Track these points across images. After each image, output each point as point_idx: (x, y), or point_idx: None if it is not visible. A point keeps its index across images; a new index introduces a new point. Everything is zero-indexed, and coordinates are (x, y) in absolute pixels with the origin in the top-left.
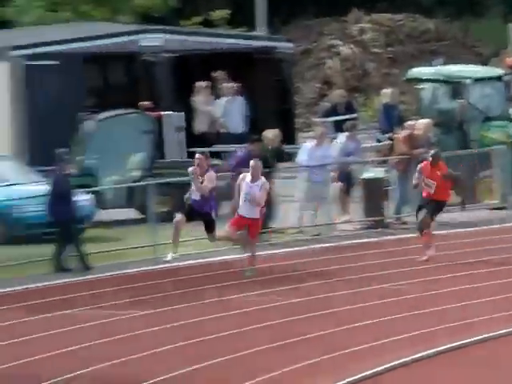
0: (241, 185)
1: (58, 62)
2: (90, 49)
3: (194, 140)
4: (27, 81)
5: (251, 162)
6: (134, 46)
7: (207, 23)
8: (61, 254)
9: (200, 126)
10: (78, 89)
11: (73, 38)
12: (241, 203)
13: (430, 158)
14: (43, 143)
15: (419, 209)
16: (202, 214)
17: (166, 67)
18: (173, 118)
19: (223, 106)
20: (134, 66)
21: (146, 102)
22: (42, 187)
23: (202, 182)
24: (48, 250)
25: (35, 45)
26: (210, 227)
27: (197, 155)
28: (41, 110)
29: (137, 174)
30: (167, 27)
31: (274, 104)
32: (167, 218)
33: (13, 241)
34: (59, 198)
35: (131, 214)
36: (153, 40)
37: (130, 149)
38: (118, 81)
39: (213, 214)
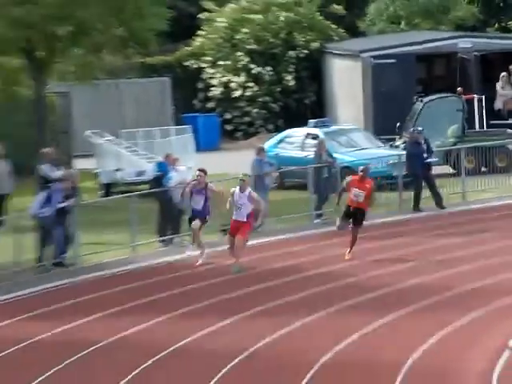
0: (233, 197)
1: (395, 61)
2: (419, 50)
3: (494, 115)
4: (373, 74)
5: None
6: (453, 48)
7: (506, 30)
8: (418, 197)
9: (497, 104)
10: (410, 79)
11: (407, 43)
12: (234, 211)
13: (361, 173)
14: (384, 119)
15: (345, 215)
16: (203, 219)
17: (475, 63)
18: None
19: None
20: (452, 62)
21: (460, 88)
22: (384, 150)
23: (206, 195)
24: (394, 195)
25: (379, 48)
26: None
27: (197, 172)
28: (383, 96)
29: (452, 140)
30: (476, 33)
31: None
32: (473, 172)
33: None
34: (411, 157)
35: (446, 169)
36: (466, 43)
37: (447, 122)
38: (439, 73)
39: (207, 218)
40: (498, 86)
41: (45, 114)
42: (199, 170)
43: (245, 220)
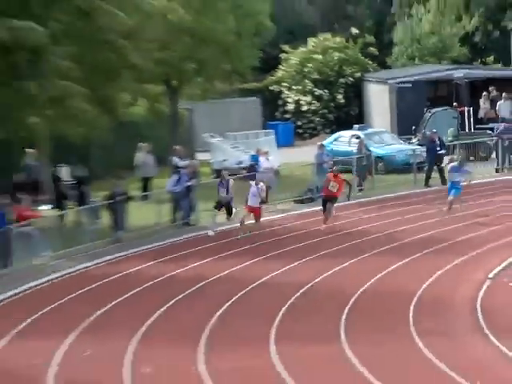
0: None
1: (411, 85)
2: (427, 78)
3: (478, 121)
4: (396, 94)
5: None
6: (450, 76)
7: (485, 63)
8: (428, 178)
9: (480, 114)
10: (421, 98)
11: (419, 73)
12: (250, 198)
13: (335, 172)
14: (404, 124)
15: (324, 203)
16: (227, 204)
17: (465, 86)
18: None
19: (498, 105)
20: (450, 86)
21: (455, 103)
22: (404, 146)
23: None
24: (410, 176)
25: (400, 77)
26: (229, 211)
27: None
28: (402, 109)
29: (450, 138)
30: (465, 66)
31: None
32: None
33: (389, 172)
34: (429, 150)
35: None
36: (459, 73)
37: (447, 126)
38: (441, 93)
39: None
40: (481, 101)
41: (177, 123)
42: (224, 169)
43: (258, 206)
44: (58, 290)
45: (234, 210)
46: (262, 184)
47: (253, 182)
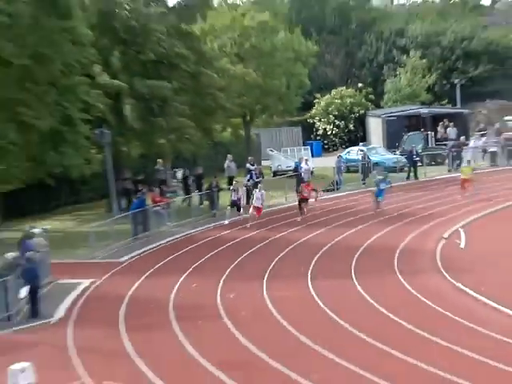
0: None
1: (395, 118)
2: (405, 113)
3: (436, 140)
4: (386, 124)
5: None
6: (419, 113)
7: (442, 105)
8: (409, 173)
9: (438, 136)
10: (401, 126)
11: (400, 110)
12: (255, 200)
13: (306, 182)
14: (391, 142)
15: (300, 204)
16: (237, 205)
17: (429, 118)
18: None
19: (448, 130)
20: (419, 118)
21: (422, 129)
22: (391, 155)
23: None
24: (395, 175)
25: (388, 113)
26: (238, 209)
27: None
28: (390, 133)
29: (420, 151)
30: (429, 106)
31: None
32: (429, 164)
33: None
34: (409, 157)
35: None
36: (425, 110)
37: (417, 143)
38: (413, 123)
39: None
40: (438, 128)
41: (249, 142)
42: (236, 181)
43: (261, 206)
44: (175, 246)
45: (241, 208)
46: (263, 191)
47: (257, 190)
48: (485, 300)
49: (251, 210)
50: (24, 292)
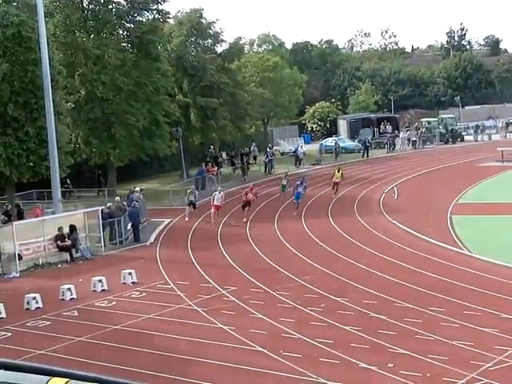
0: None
1: (355, 120)
2: (360, 117)
3: (380, 133)
4: (349, 124)
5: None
6: (369, 116)
7: (383, 112)
8: (364, 154)
9: (381, 130)
10: (359, 125)
11: (358, 115)
12: (216, 200)
13: (251, 187)
14: (352, 135)
15: (243, 207)
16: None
17: (375, 120)
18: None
19: (386, 127)
20: (369, 120)
21: (371, 126)
22: (352, 142)
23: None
24: (355, 155)
25: (351, 117)
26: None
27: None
28: (352, 129)
29: (369, 140)
30: (373, 113)
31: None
32: (375, 148)
33: (346, 152)
34: (364, 143)
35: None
36: (373, 115)
37: (368, 135)
38: (366, 123)
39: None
40: (381, 126)
41: (266, 135)
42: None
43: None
44: None
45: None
46: (222, 193)
47: (216, 192)
48: (407, 229)
49: (212, 209)
50: (129, 226)
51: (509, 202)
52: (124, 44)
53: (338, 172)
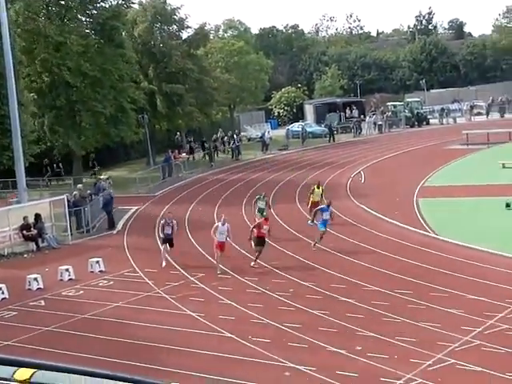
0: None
1: (322, 105)
2: (327, 102)
3: (346, 118)
4: (316, 108)
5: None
6: (335, 101)
7: (350, 96)
8: (330, 138)
9: (347, 115)
10: (325, 109)
11: (324, 100)
12: (219, 235)
13: (265, 220)
14: (318, 120)
15: (256, 245)
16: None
17: (341, 104)
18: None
19: (352, 111)
20: (336, 105)
21: (337, 111)
22: (319, 127)
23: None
24: (321, 139)
25: (318, 102)
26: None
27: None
28: (318, 114)
29: (335, 124)
30: (339, 97)
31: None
32: (342, 132)
33: (314, 137)
34: (329, 127)
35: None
36: (339, 100)
37: (335, 119)
38: (332, 108)
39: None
40: (347, 110)
41: (233, 121)
42: (168, 212)
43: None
44: (188, 185)
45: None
46: (227, 225)
47: (219, 223)
48: (374, 213)
49: (215, 250)
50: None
51: (473, 185)
52: (87, 30)
53: (318, 188)
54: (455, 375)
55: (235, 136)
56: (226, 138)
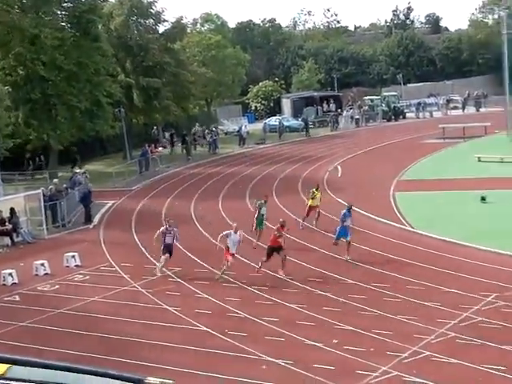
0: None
1: (299, 99)
2: (304, 96)
3: (323, 112)
4: (293, 103)
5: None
6: (312, 95)
7: (327, 90)
8: (306, 131)
9: (324, 109)
10: (302, 103)
11: (301, 94)
12: (233, 246)
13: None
14: (295, 114)
15: (270, 254)
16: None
17: (318, 98)
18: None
19: (329, 105)
20: (313, 99)
21: (314, 105)
22: (296, 121)
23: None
24: (298, 133)
25: (295, 96)
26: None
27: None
28: (295, 108)
29: (313, 118)
30: (317, 91)
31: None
32: (319, 127)
33: (291, 131)
34: (305, 121)
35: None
36: (316, 94)
37: (311, 114)
38: (309, 102)
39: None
40: (324, 104)
41: (210, 114)
42: (169, 219)
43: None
44: (165, 179)
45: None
46: (240, 232)
47: (231, 231)
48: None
49: (229, 258)
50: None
51: (450, 178)
52: (63, 23)
53: (317, 190)
54: (430, 367)
55: (212, 130)
56: (205, 131)
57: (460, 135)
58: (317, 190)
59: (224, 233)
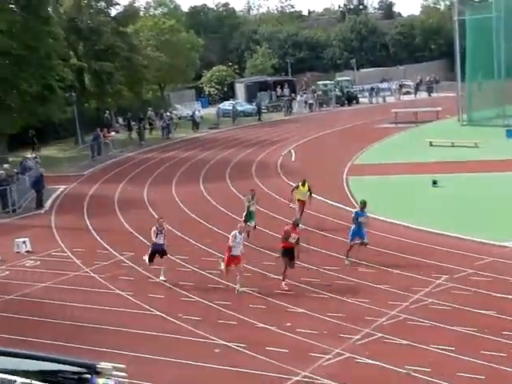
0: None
1: (252, 83)
2: (258, 80)
3: (277, 96)
4: (247, 87)
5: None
6: (266, 79)
7: (282, 75)
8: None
9: (278, 93)
10: (256, 88)
11: (255, 79)
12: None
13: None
14: (250, 99)
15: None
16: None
17: (272, 83)
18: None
19: (283, 90)
20: (266, 84)
21: (268, 90)
22: (250, 106)
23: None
24: (252, 118)
25: (249, 81)
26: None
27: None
28: (249, 93)
29: (267, 104)
30: (270, 76)
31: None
32: (273, 111)
33: (245, 116)
34: (258, 106)
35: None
36: (270, 78)
37: (266, 98)
38: (263, 87)
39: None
40: (278, 89)
41: (165, 99)
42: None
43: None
44: (117, 164)
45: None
46: (244, 235)
47: (236, 231)
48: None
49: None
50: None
51: (402, 162)
52: (12, 6)
53: (304, 185)
54: (383, 349)
55: (166, 115)
56: (158, 116)
57: (412, 120)
58: (303, 184)
59: (232, 233)
